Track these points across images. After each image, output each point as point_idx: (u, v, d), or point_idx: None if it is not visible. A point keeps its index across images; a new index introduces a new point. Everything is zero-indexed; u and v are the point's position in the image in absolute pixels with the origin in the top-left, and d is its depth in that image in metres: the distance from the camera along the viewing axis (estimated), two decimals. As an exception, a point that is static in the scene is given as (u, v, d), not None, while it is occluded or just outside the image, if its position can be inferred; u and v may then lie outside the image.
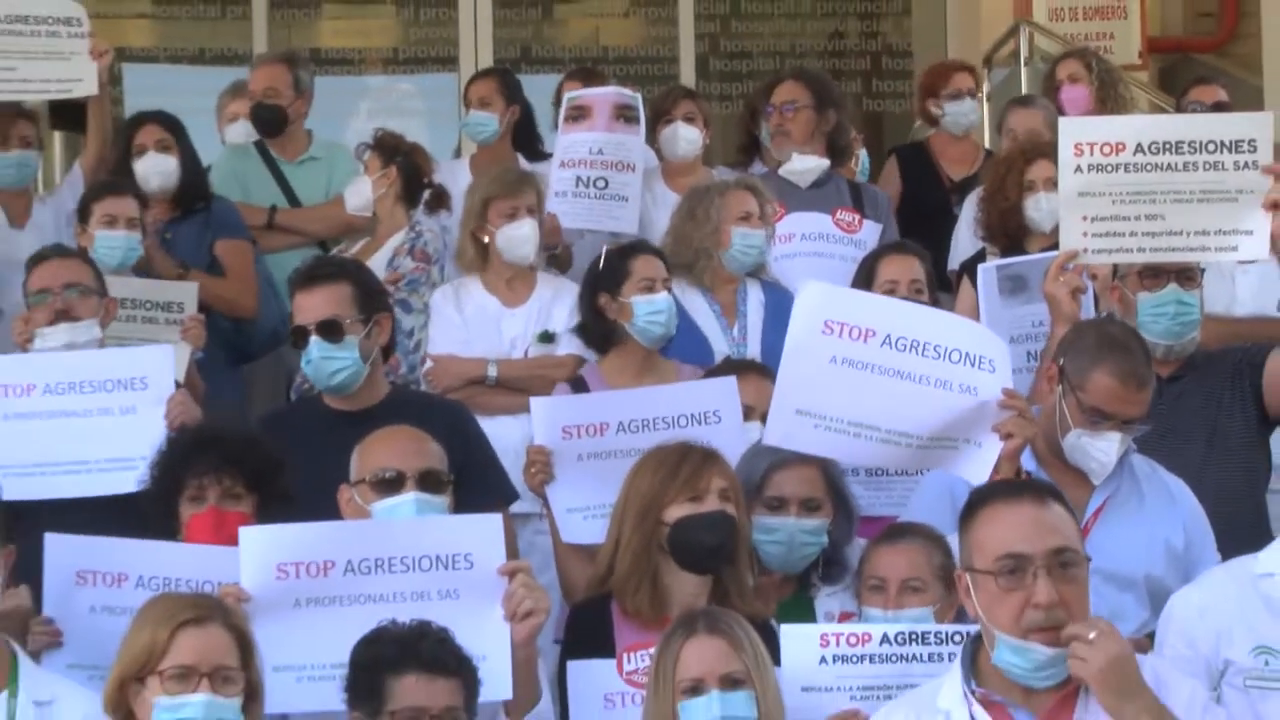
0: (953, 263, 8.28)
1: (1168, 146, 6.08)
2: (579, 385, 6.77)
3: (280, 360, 8.02)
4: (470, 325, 7.47)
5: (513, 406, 7.05)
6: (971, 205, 8.23)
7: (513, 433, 6.80)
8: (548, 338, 7.45)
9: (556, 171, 8.19)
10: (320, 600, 4.94)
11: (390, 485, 5.34)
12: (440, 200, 8.28)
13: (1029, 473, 5.56)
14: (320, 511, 5.30)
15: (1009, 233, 7.65)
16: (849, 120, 8.84)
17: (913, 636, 4.98)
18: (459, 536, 5.00)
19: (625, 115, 8.27)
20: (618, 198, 8.15)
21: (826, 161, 8.43)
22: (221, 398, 7.28)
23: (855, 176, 8.97)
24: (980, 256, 7.80)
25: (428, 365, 7.46)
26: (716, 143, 9.10)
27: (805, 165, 8.38)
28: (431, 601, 4.90)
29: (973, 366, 5.53)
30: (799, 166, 8.38)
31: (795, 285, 7.13)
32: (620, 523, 5.40)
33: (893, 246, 7.57)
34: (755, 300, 7.51)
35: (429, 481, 5.36)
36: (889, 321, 5.57)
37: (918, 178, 9.37)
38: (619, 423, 6.03)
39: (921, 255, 7.31)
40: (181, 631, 4.52)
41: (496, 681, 4.84)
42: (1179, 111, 9.19)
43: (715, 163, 9.03)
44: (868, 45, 13.78)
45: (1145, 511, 5.62)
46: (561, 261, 8.15)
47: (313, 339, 6.02)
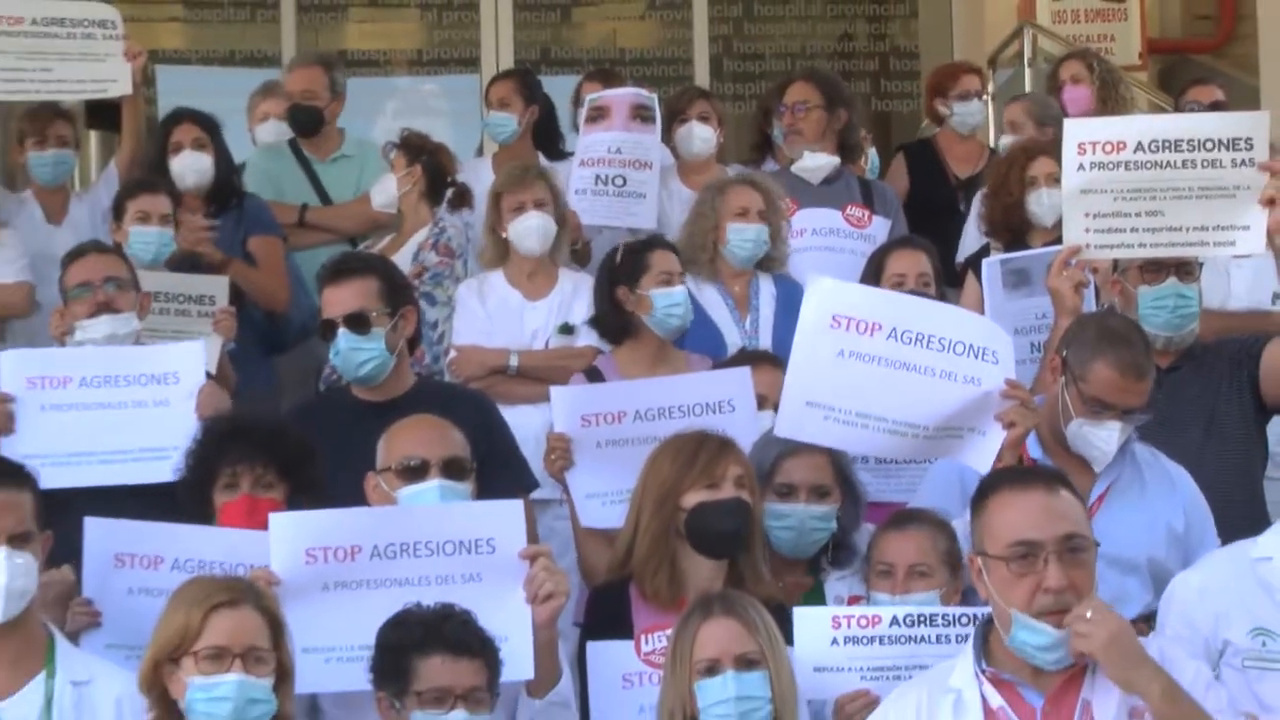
0: (961, 257, 8.26)
1: (1167, 145, 6.06)
2: (594, 375, 6.76)
3: (310, 352, 8.02)
4: (493, 317, 7.47)
5: (533, 395, 7.05)
6: (980, 202, 8.21)
7: (533, 421, 6.80)
8: (567, 329, 7.45)
9: (576, 170, 8.20)
10: (348, 584, 4.95)
11: (415, 473, 5.34)
12: (463, 198, 8.29)
13: (1035, 460, 5.57)
14: (348, 498, 5.30)
15: (1012, 227, 7.66)
16: (858, 119, 8.82)
17: (921, 619, 5.00)
18: (481, 522, 5.01)
19: (642, 115, 8.27)
20: (635, 195, 8.15)
21: (837, 159, 8.43)
22: (253, 388, 7.29)
23: (865, 173, 8.96)
24: (985, 251, 7.79)
25: (451, 355, 7.47)
26: (730, 141, 9.09)
27: (817, 163, 8.37)
28: (455, 585, 4.91)
29: (976, 358, 5.53)
30: (810, 164, 8.37)
31: (807, 279, 7.14)
32: (639, 508, 5.39)
33: (901, 241, 7.57)
34: (767, 293, 7.51)
35: (452, 469, 5.36)
36: (894, 315, 5.57)
37: (924, 175, 9.36)
38: (636, 411, 6.03)
39: (929, 250, 7.29)
40: (215, 614, 4.53)
41: (518, 662, 4.85)
42: (1178, 111, 9.17)
43: (729, 161, 9.02)
44: (876, 47, 13.74)
45: (1147, 497, 5.61)
46: (581, 256, 8.14)
47: (341, 331, 6.02)
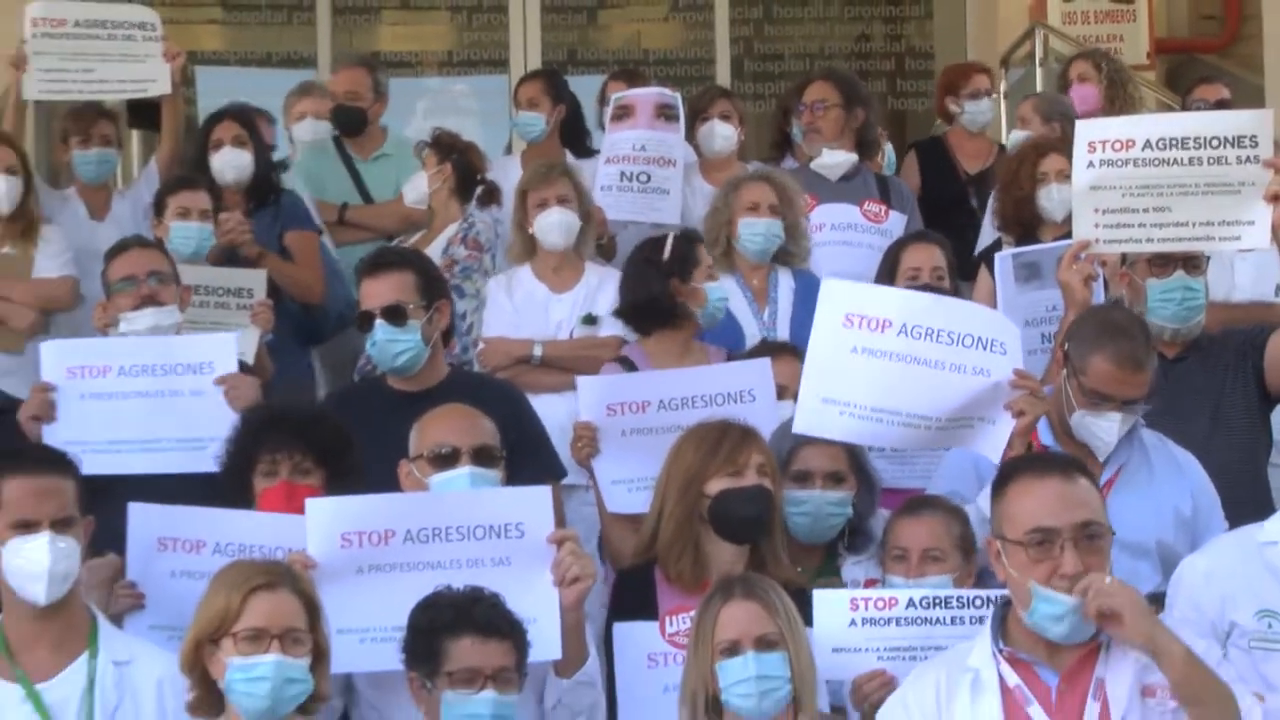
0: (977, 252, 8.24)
1: (1174, 142, 6.05)
2: (626, 364, 6.75)
3: (345, 343, 8.03)
4: (520, 310, 7.47)
5: (558, 385, 7.05)
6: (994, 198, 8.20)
7: (558, 410, 6.79)
8: (590, 320, 7.45)
9: (602, 167, 8.21)
10: (381, 567, 4.96)
11: (446, 460, 5.34)
12: (492, 195, 8.29)
13: (1045, 446, 5.56)
14: (382, 484, 5.30)
15: (1023, 222, 7.64)
16: (875, 117, 8.82)
17: (936, 601, 4.99)
18: (511, 507, 5.02)
19: (666, 114, 8.27)
20: (659, 191, 8.16)
21: (855, 156, 8.43)
22: (290, 378, 7.29)
23: (881, 170, 8.95)
24: (997, 245, 7.78)
25: (479, 346, 7.48)
26: (751, 139, 9.07)
27: (835, 160, 8.37)
28: (485, 568, 4.92)
29: (984, 350, 5.52)
30: (829, 161, 8.38)
31: (825, 272, 7.15)
32: (664, 495, 5.39)
33: (916, 236, 7.59)
34: (785, 286, 7.51)
35: (483, 456, 5.36)
36: (904, 312, 5.56)
37: (935, 171, 9.33)
38: (660, 401, 6.03)
39: (944, 244, 7.30)
40: (254, 596, 4.53)
41: (546, 643, 4.86)
42: (1185, 109, 9.15)
43: (750, 158, 9.01)
44: (892, 47, 13.72)
45: (1155, 482, 5.62)
46: (606, 251, 8.13)
47: (378, 323, 6.03)
